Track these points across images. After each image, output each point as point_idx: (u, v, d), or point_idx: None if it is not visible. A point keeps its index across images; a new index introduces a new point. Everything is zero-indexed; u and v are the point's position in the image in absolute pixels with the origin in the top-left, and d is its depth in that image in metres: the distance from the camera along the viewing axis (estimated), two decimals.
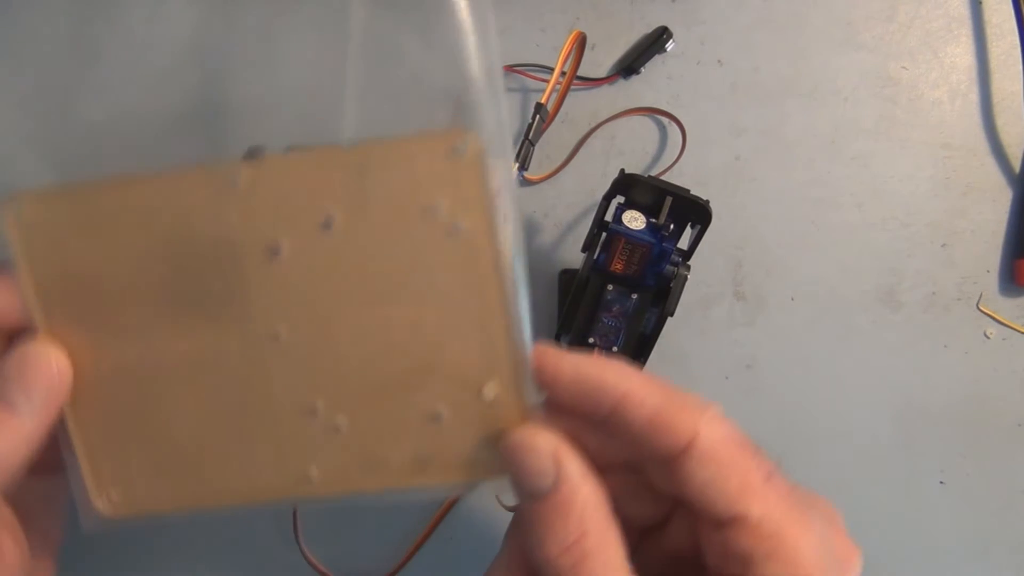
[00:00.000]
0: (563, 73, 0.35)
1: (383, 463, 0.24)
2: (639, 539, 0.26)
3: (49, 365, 0.23)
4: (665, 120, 0.38)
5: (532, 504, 0.22)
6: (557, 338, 0.36)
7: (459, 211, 0.21)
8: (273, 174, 0.22)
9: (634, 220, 0.32)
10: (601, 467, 0.23)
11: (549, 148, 0.38)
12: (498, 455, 0.23)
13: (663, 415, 0.22)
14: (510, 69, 0.38)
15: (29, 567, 0.27)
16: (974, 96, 0.39)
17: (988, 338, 0.39)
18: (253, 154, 0.23)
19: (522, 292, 0.22)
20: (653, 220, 0.32)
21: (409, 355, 0.23)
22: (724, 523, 0.22)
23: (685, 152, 0.38)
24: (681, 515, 0.25)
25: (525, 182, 0.38)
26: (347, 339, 0.23)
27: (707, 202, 0.32)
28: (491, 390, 0.23)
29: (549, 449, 0.22)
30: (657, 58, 0.38)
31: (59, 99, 0.25)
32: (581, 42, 0.34)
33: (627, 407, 0.22)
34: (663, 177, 0.37)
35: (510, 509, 0.24)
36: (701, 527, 0.23)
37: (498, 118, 0.22)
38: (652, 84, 0.39)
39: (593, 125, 0.38)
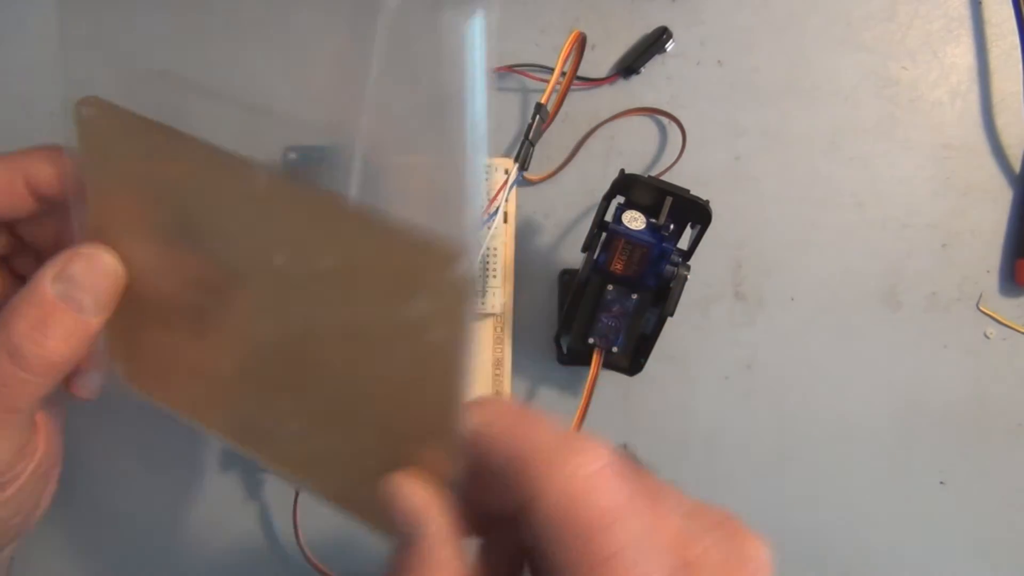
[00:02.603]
0: (563, 73, 0.35)
1: (321, 475, 0.24)
2: None
3: (112, 270, 0.24)
4: (665, 120, 0.38)
5: (395, 551, 0.21)
6: (557, 339, 0.36)
7: (437, 321, 0.21)
8: (282, 197, 0.23)
9: (634, 220, 0.32)
10: None
11: (549, 148, 0.38)
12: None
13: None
14: (510, 69, 0.38)
15: (54, 470, 0.28)
16: (974, 96, 0.39)
17: (988, 338, 0.39)
18: (286, 156, 0.24)
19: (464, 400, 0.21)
20: (653, 220, 0.32)
21: (357, 405, 0.23)
22: None
23: (685, 152, 0.38)
24: None
25: (525, 182, 0.38)
26: (314, 361, 0.23)
27: (707, 202, 0.32)
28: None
29: (414, 502, 0.20)
30: (657, 58, 0.38)
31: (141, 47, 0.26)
32: (581, 42, 0.34)
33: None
34: (663, 177, 0.37)
35: None
36: None
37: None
38: (652, 84, 0.39)
39: (593, 125, 0.38)
